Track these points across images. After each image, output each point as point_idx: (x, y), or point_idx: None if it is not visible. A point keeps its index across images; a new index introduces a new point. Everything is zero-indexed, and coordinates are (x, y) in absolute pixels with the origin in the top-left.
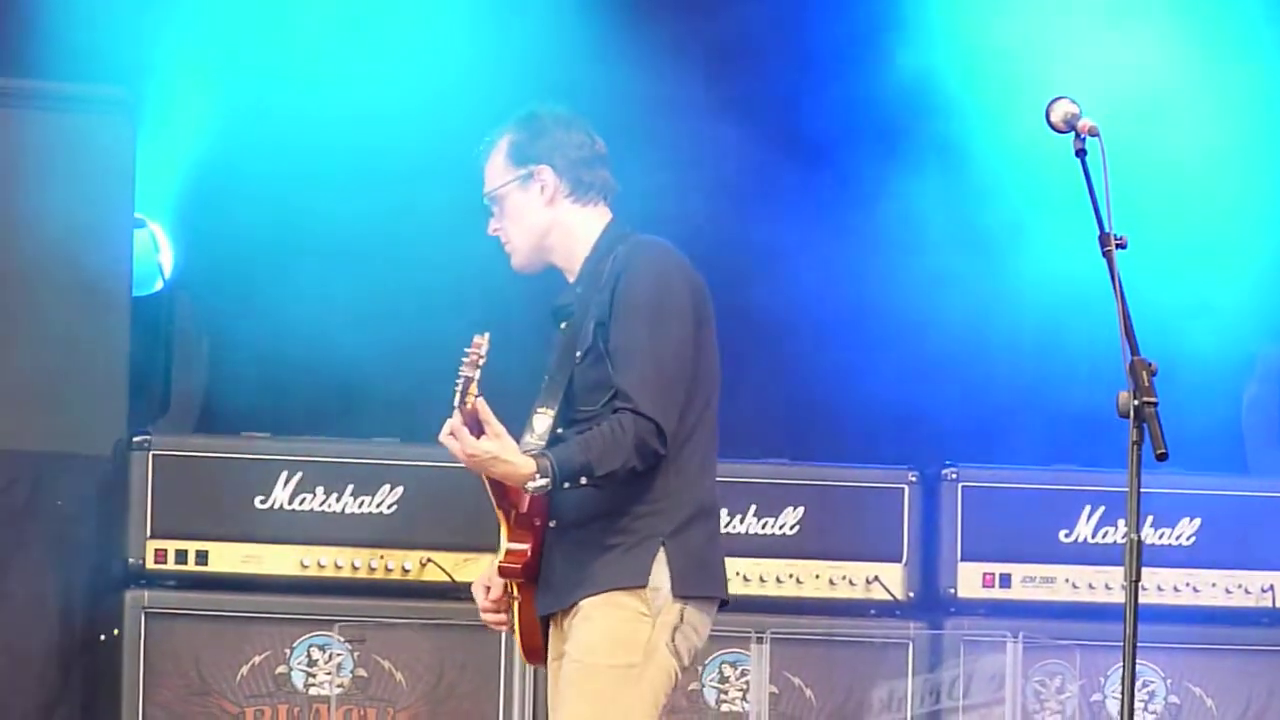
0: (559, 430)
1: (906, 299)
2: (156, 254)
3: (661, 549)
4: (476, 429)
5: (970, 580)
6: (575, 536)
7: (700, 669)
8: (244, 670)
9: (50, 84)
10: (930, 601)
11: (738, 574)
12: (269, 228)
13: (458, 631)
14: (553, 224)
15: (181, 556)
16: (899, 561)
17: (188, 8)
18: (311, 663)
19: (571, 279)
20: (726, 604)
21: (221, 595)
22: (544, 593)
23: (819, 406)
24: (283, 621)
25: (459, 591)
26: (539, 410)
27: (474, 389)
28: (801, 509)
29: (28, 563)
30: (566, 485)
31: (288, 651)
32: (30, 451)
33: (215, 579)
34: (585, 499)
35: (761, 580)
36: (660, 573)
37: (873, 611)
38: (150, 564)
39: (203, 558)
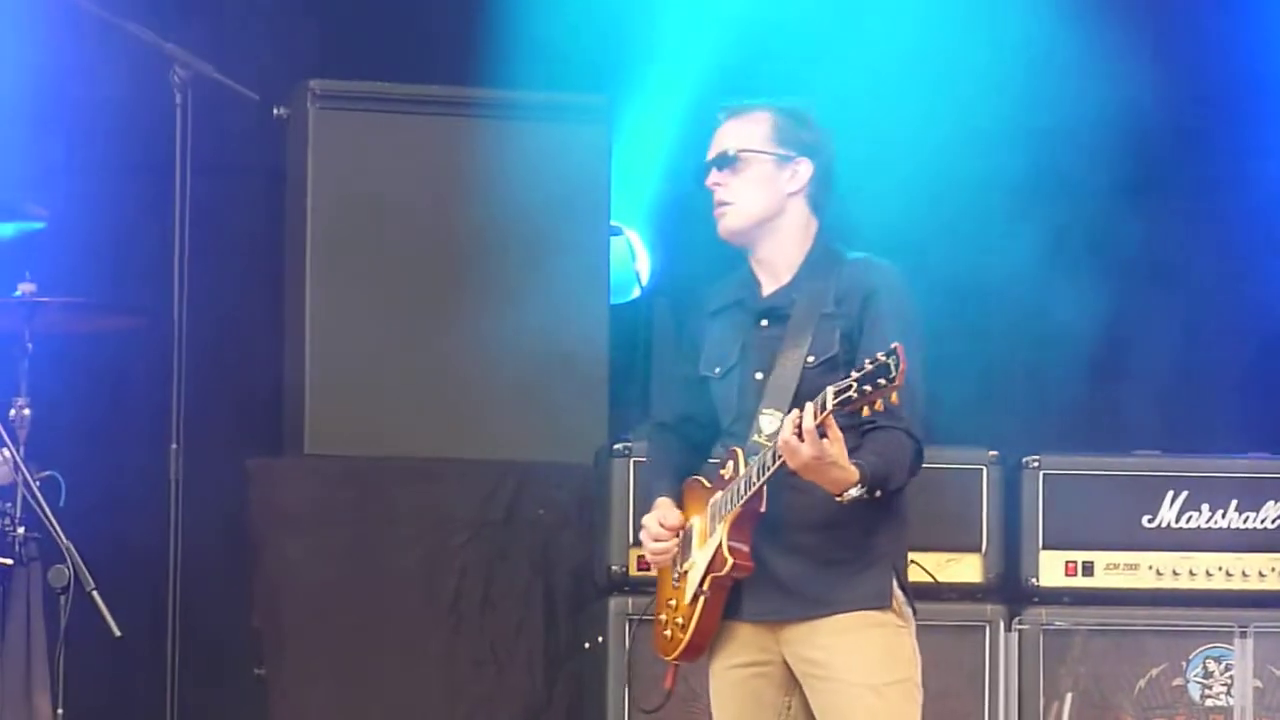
0: None
1: None
2: (633, 261)
3: (893, 571)
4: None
5: None
6: (796, 543)
7: (1184, 664)
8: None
9: (529, 94)
10: None
11: (1220, 569)
12: None
13: (940, 633)
14: (783, 212)
15: None
16: None
17: (660, 12)
18: None
19: (762, 272)
20: None
21: None
22: (771, 598)
23: None
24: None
25: (940, 592)
26: (764, 411)
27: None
28: None
29: (510, 571)
30: (865, 496)
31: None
32: (512, 461)
33: None
34: (817, 508)
35: (1244, 575)
36: (898, 591)
37: None
38: (633, 571)
39: None
